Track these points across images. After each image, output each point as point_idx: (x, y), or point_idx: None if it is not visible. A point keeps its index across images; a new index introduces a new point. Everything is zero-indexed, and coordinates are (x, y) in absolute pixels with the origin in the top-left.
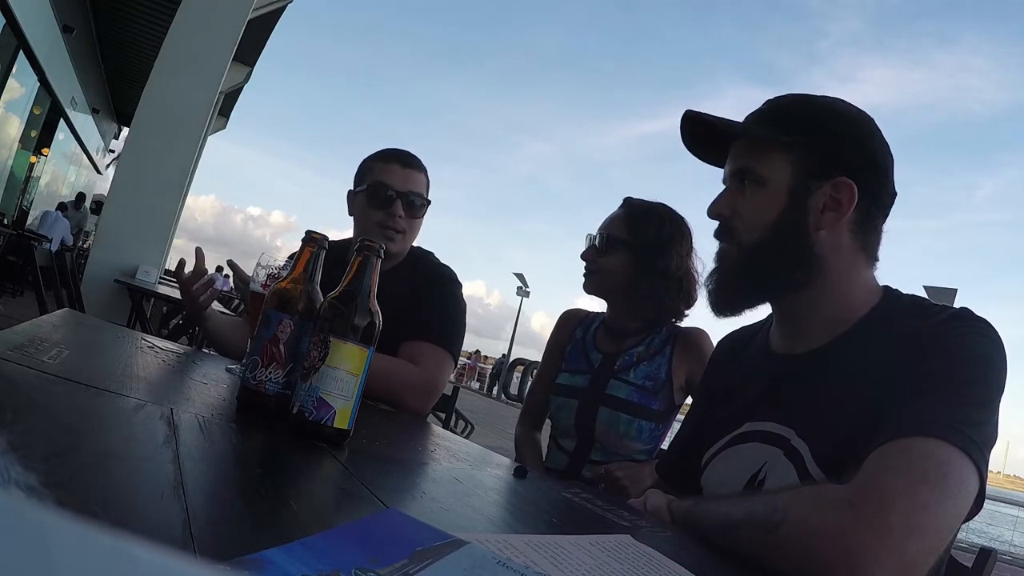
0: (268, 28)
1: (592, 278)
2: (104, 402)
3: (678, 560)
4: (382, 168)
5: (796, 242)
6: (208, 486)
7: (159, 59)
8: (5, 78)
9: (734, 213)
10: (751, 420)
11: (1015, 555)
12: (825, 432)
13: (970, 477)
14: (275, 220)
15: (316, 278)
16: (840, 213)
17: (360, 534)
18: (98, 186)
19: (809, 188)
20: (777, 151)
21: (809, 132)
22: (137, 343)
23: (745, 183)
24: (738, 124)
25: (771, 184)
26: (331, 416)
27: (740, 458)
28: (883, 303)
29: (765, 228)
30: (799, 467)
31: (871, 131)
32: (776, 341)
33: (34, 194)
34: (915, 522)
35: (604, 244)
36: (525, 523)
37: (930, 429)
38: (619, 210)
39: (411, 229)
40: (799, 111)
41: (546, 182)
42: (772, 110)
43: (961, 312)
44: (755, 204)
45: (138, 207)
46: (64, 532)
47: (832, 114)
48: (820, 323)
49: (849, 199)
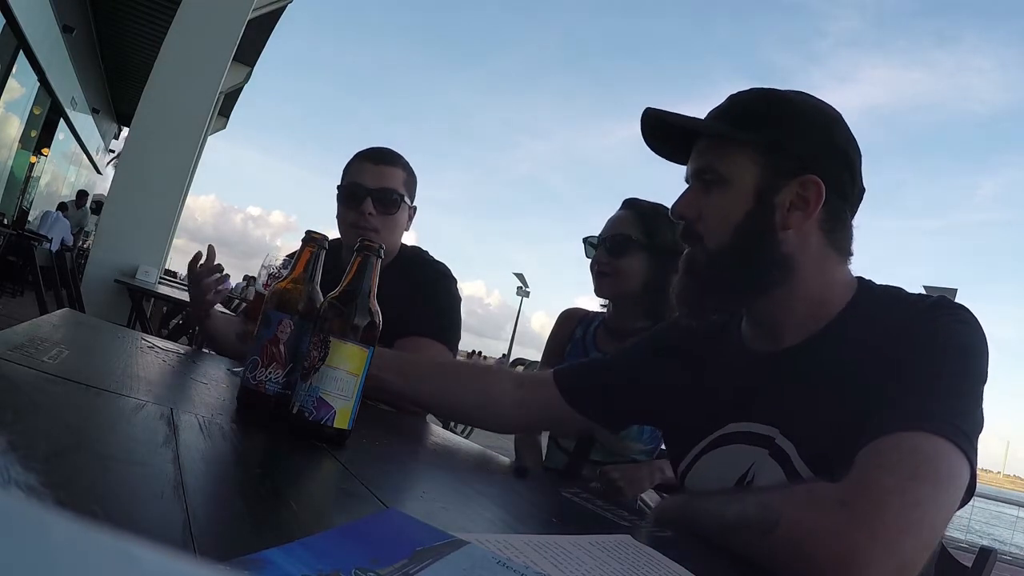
0: (268, 28)
1: (606, 280)
2: (104, 402)
3: (678, 560)
4: (355, 167)
5: (763, 243)
6: (208, 486)
7: (159, 59)
8: (5, 78)
9: (698, 215)
10: (733, 421)
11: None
12: (810, 430)
13: (961, 468)
14: (275, 220)
15: (316, 278)
16: (807, 212)
17: (360, 534)
18: (98, 186)
19: (775, 187)
20: (741, 149)
21: (774, 129)
22: (137, 343)
23: (708, 182)
24: (699, 121)
25: (736, 183)
26: (331, 416)
27: (726, 460)
28: (858, 296)
29: (731, 230)
30: (786, 466)
31: (838, 126)
32: (750, 339)
33: (34, 194)
34: (909, 519)
35: (617, 246)
36: (525, 523)
37: (918, 423)
38: (625, 212)
39: (386, 226)
40: (763, 107)
41: (546, 182)
42: (735, 106)
43: (939, 301)
44: (720, 205)
45: (138, 207)
46: (64, 532)
47: (797, 109)
48: (795, 322)
49: (816, 197)
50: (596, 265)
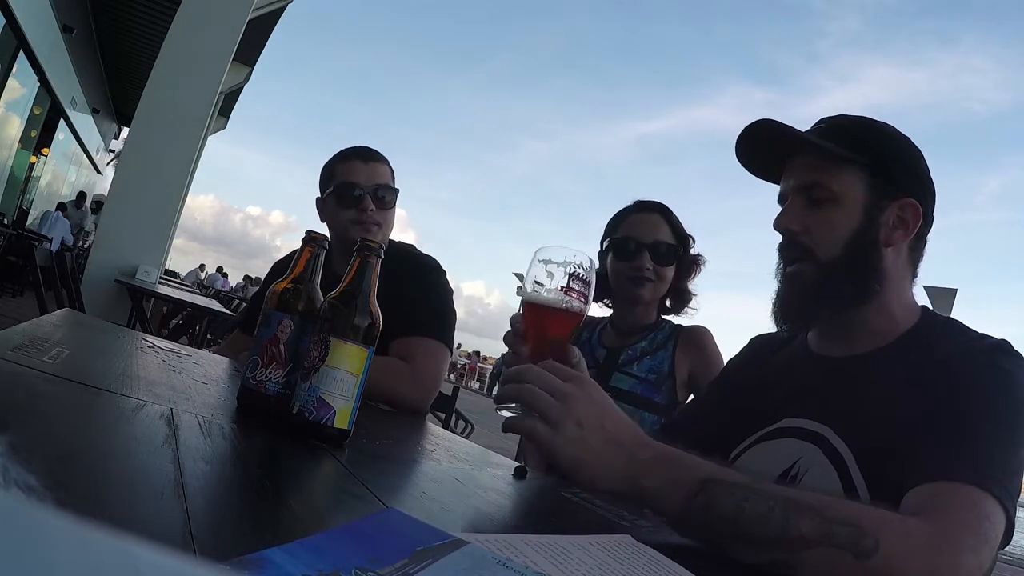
0: (268, 28)
1: (648, 286)
2: (104, 402)
3: (678, 560)
4: (344, 168)
5: (870, 257)
6: (208, 486)
7: (159, 59)
8: (5, 78)
9: (804, 229)
10: (788, 416)
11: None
12: (864, 435)
13: (1001, 531)
14: (275, 220)
15: (316, 278)
16: (906, 231)
17: (360, 534)
18: (98, 186)
19: (880, 206)
20: (848, 168)
21: (877, 152)
22: (137, 343)
23: (817, 199)
24: (811, 137)
25: (845, 201)
26: (331, 416)
27: (774, 453)
28: (924, 320)
29: (842, 243)
30: (840, 469)
31: (924, 159)
32: (815, 343)
33: (34, 194)
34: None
35: (664, 255)
36: (525, 523)
37: (991, 484)
38: (656, 216)
39: (386, 221)
40: (864, 132)
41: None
42: (837, 128)
43: (1003, 345)
44: (831, 219)
45: (138, 207)
46: (64, 532)
47: (895, 137)
48: (865, 334)
49: (915, 219)
50: (637, 271)
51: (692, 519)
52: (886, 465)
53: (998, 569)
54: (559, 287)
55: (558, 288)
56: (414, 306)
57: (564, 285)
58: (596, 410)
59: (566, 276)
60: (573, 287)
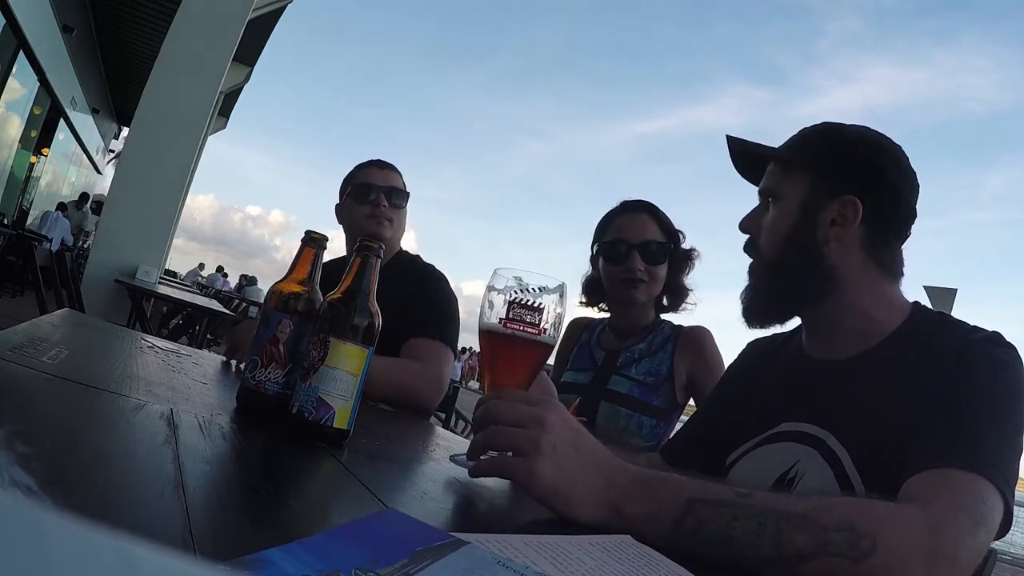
0: (268, 28)
1: (641, 287)
2: (104, 402)
3: (678, 560)
4: (363, 173)
5: (808, 253)
6: (208, 486)
7: (159, 59)
8: (5, 78)
9: (757, 229)
10: (786, 421)
11: (1015, 555)
12: (863, 437)
13: (999, 517)
14: (274, 219)
15: (316, 278)
16: (846, 228)
17: (360, 534)
18: (98, 186)
19: (819, 205)
20: (797, 172)
21: (825, 155)
22: (137, 343)
23: (768, 201)
24: (771, 149)
25: (786, 199)
26: (331, 416)
27: (771, 457)
28: (913, 317)
29: (781, 241)
30: (836, 469)
31: (886, 155)
32: (808, 347)
33: (34, 194)
34: (968, 562)
35: (654, 254)
36: (525, 523)
37: (986, 469)
38: (645, 215)
39: (398, 219)
40: (819, 137)
41: (546, 182)
42: (801, 137)
43: (996, 337)
44: (773, 220)
45: (138, 207)
46: (64, 532)
47: (848, 139)
48: (848, 335)
49: (854, 215)
50: (629, 273)
51: (682, 544)
52: (883, 465)
53: (998, 569)
54: (499, 318)
55: (498, 319)
56: (421, 310)
57: (504, 316)
58: (568, 434)
59: (505, 305)
60: (514, 316)
